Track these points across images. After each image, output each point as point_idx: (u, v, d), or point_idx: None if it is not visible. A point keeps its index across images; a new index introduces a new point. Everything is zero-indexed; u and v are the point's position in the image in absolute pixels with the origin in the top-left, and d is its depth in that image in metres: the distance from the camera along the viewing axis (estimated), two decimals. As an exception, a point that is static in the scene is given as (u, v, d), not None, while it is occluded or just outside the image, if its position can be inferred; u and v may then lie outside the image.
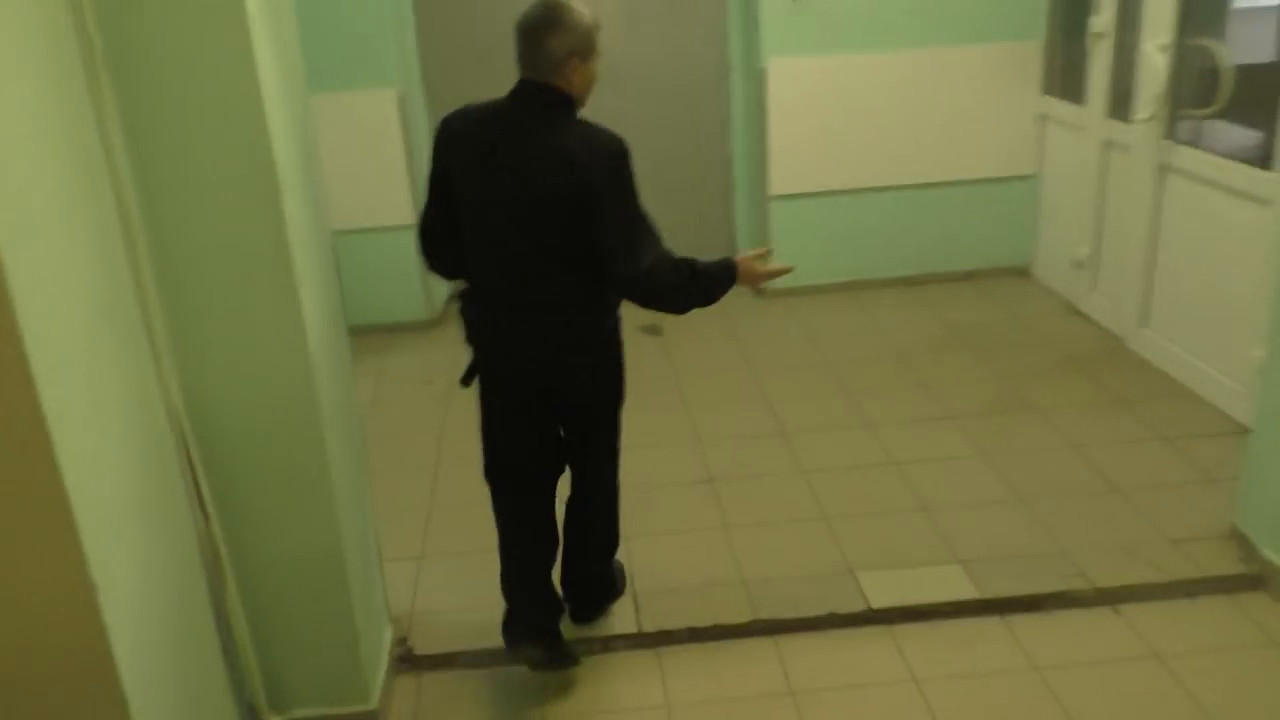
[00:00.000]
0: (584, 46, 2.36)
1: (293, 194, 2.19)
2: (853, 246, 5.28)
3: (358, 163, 4.87)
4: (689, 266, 2.45)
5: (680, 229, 5.52)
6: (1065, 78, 4.94)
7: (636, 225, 2.40)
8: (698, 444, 3.88)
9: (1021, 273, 5.38)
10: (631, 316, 5.11)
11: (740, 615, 2.89)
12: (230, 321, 2.18)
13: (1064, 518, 3.27)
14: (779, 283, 5.22)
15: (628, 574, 3.07)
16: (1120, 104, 4.41)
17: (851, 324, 4.95)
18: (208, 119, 2.04)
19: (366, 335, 5.02)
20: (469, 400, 3.05)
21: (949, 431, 3.86)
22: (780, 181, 5.11)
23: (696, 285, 2.46)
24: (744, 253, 2.64)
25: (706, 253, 5.48)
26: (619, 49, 5.19)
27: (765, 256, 2.63)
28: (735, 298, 5.43)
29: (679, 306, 2.49)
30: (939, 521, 3.28)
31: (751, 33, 5.01)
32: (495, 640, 2.72)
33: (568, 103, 2.40)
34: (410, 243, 5.06)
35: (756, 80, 5.03)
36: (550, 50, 2.34)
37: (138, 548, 1.91)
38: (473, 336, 2.62)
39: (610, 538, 2.91)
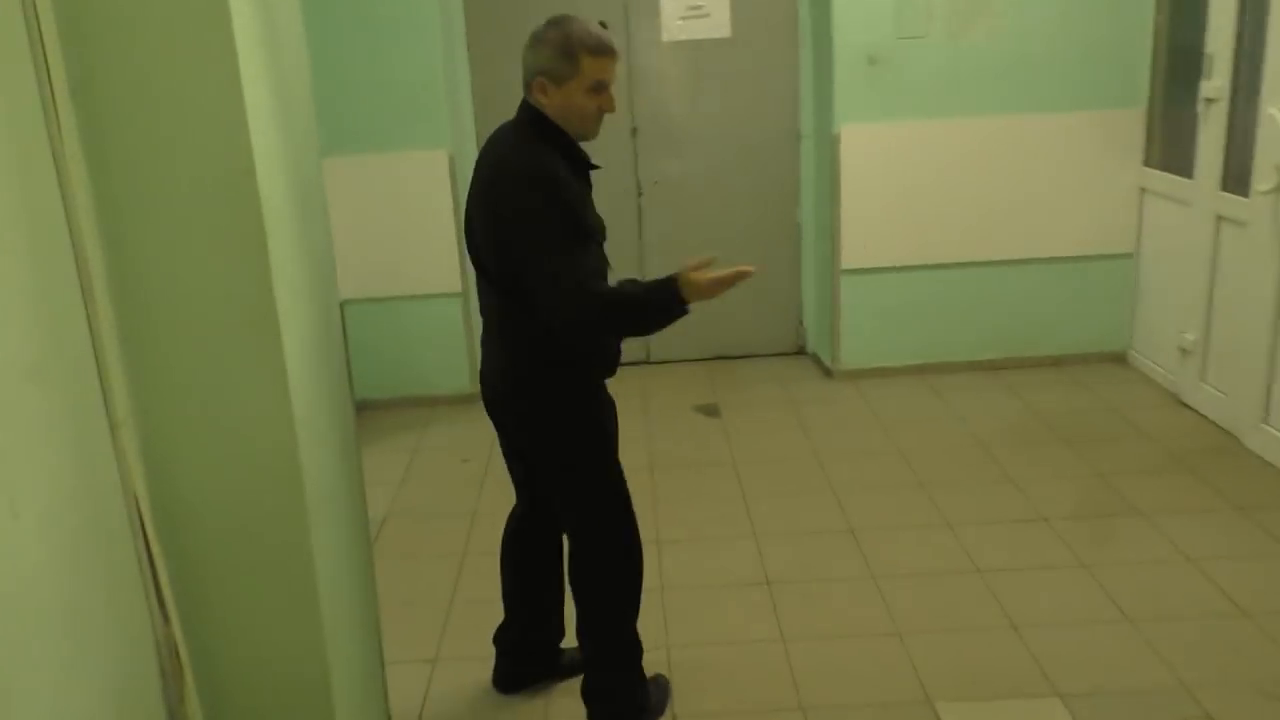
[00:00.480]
0: (554, 68, 2.22)
1: (283, 241, 1.90)
2: (929, 326, 4.88)
3: (404, 227, 4.63)
4: (604, 299, 2.21)
5: (743, 303, 5.21)
6: (1169, 148, 4.53)
7: (544, 260, 2.18)
8: (754, 540, 3.47)
9: (1117, 359, 4.92)
10: (688, 396, 4.83)
11: (796, 751, 2.46)
12: (203, 385, 1.87)
13: (1182, 644, 2.78)
14: (848, 363, 4.84)
15: (670, 693, 2.67)
16: (1235, 175, 3.98)
17: (927, 410, 4.52)
18: (185, 146, 1.77)
19: (404, 408, 4.74)
20: (504, 481, 2.72)
21: (1040, 535, 3.39)
22: (852, 254, 4.75)
23: (617, 316, 2.26)
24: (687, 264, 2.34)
25: (771, 332, 5.21)
26: (685, 111, 4.93)
27: (707, 265, 2.29)
28: (801, 380, 5.17)
29: (587, 338, 2.33)
30: (1032, 643, 2.82)
31: (825, 97, 4.71)
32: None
33: (537, 122, 2.27)
34: (456, 312, 4.85)
35: (829, 147, 4.71)
36: (525, 65, 2.28)
37: (60, 660, 1.58)
38: None
39: (593, 646, 2.53)
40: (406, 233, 4.63)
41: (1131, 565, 3.20)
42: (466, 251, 2.48)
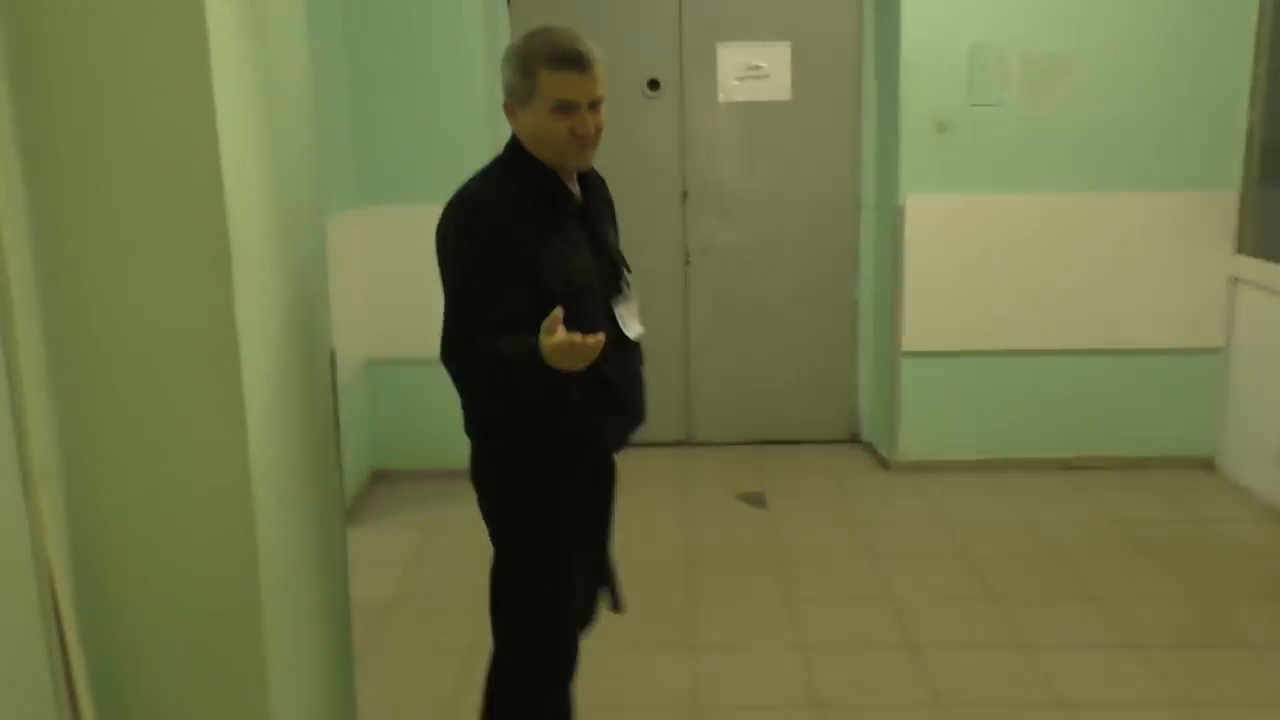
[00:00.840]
0: (516, 87, 1.93)
1: (254, 272, 1.57)
2: (997, 418, 4.46)
3: (435, 283, 4.31)
4: (478, 353, 1.86)
5: (793, 383, 4.85)
6: (1268, 234, 4.13)
7: (446, 301, 1.95)
8: (800, 652, 3.04)
9: (1204, 465, 4.45)
10: (731, 483, 4.43)
11: None
12: (144, 433, 1.54)
13: (1318, 814, 2.31)
14: (907, 454, 4.42)
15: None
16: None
17: (995, 511, 4.08)
18: (143, 150, 1.46)
19: (423, 480, 4.38)
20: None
21: (1133, 665, 2.93)
22: (914, 336, 4.37)
23: (486, 375, 1.88)
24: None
25: (823, 417, 4.82)
26: (738, 177, 4.63)
27: (554, 326, 1.78)
28: (855, 471, 4.74)
29: (475, 402, 2.00)
30: (1135, 801, 2.36)
31: (889, 165, 4.39)
32: None
33: (512, 150, 2.01)
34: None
35: (892, 218, 4.37)
36: None
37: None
38: None
39: None
40: (438, 289, 4.32)
41: (1243, 709, 2.73)
42: None
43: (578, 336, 1.69)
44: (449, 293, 1.92)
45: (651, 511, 4.08)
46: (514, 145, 2.00)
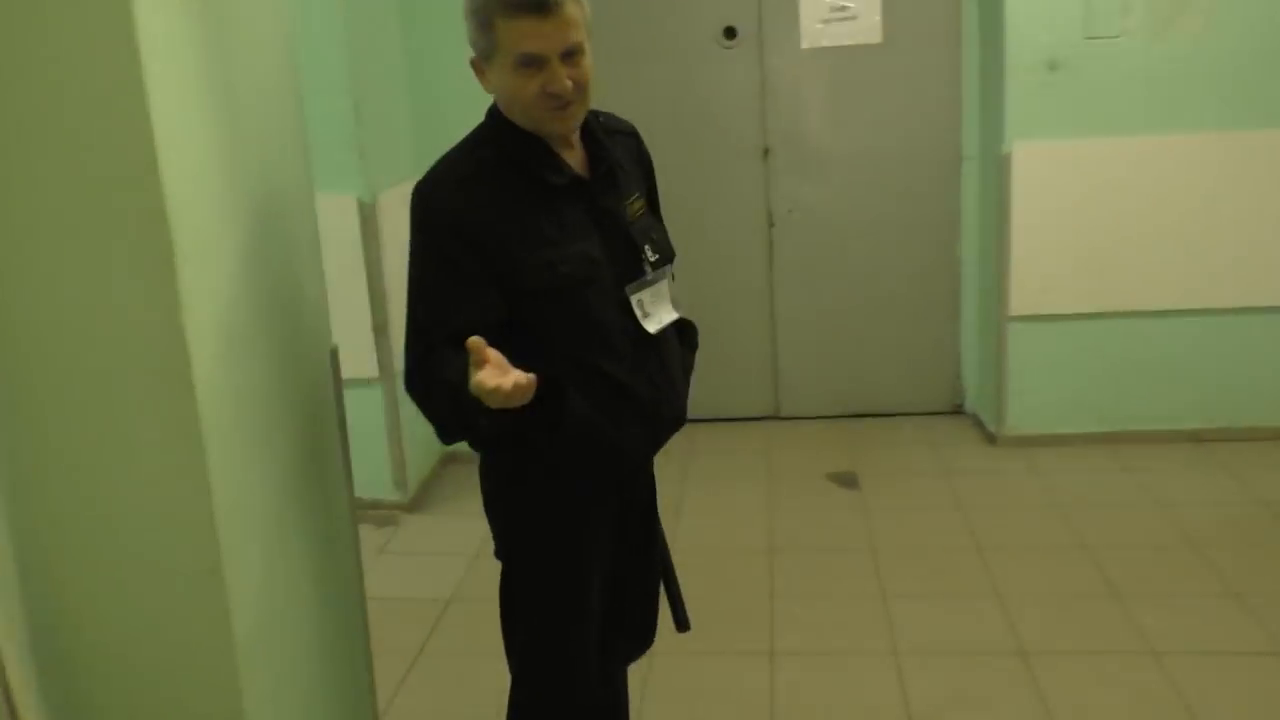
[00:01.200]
0: (479, 43, 1.63)
1: (209, 269, 1.35)
2: (1119, 386, 4.04)
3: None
4: (429, 373, 1.58)
5: (890, 352, 4.50)
6: None
7: (409, 301, 1.64)
8: (894, 658, 2.74)
9: (1363, 435, 3.97)
10: (820, 461, 4.13)
11: None
12: (84, 468, 1.33)
13: None
14: (1016, 428, 4.04)
15: None
16: None
17: (1117, 491, 3.68)
18: (59, 130, 1.24)
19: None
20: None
21: (1285, 677, 2.56)
22: (1023, 298, 3.97)
23: (433, 402, 1.60)
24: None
25: (923, 387, 4.47)
26: (825, 129, 4.28)
27: (478, 358, 1.41)
28: (958, 446, 4.39)
29: (436, 431, 1.64)
30: None
31: (994, 110, 3.97)
32: None
33: (490, 116, 1.72)
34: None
35: (997, 169, 3.96)
36: None
37: None
38: None
39: None
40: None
41: None
42: None
43: (490, 382, 1.37)
44: (411, 284, 1.65)
45: (732, 493, 3.82)
46: (493, 110, 1.72)
